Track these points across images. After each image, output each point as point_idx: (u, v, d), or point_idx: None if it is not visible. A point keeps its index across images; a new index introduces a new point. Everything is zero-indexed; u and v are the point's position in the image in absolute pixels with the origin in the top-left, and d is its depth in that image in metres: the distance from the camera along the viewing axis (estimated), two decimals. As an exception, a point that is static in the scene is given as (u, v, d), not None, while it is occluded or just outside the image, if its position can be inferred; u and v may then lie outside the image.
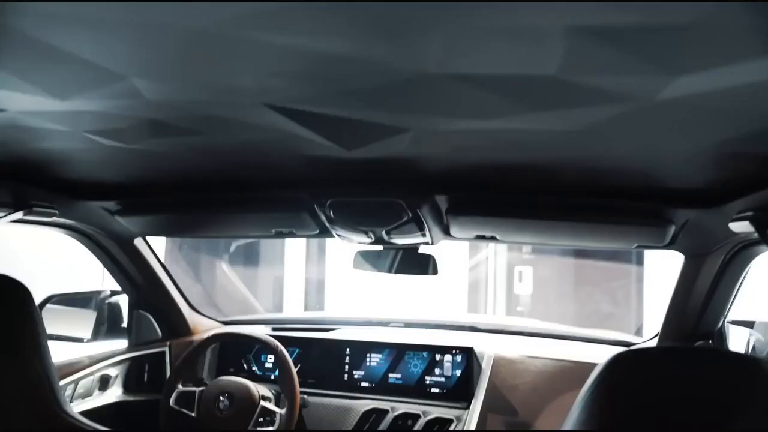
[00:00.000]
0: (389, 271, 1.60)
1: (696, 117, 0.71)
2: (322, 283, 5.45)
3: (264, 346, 1.72)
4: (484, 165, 1.06)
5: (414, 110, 0.74)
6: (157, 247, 1.94)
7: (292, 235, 1.53)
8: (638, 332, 4.62)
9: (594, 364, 1.69)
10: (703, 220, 1.20)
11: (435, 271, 1.55)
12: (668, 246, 1.34)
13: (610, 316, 5.15)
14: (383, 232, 1.34)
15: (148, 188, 1.37)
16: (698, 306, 1.48)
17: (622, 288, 5.20)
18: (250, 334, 1.74)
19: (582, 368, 1.81)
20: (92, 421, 1.79)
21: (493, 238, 1.41)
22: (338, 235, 1.44)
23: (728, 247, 1.29)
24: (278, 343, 1.69)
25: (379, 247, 1.55)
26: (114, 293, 1.98)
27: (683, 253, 1.42)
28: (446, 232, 1.41)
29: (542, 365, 1.82)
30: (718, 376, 0.60)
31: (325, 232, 1.45)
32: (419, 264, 1.57)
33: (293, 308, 5.24)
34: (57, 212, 1.35)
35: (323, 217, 1.33)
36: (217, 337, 1.75)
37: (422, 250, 1.56)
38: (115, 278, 1.88)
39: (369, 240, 1.42)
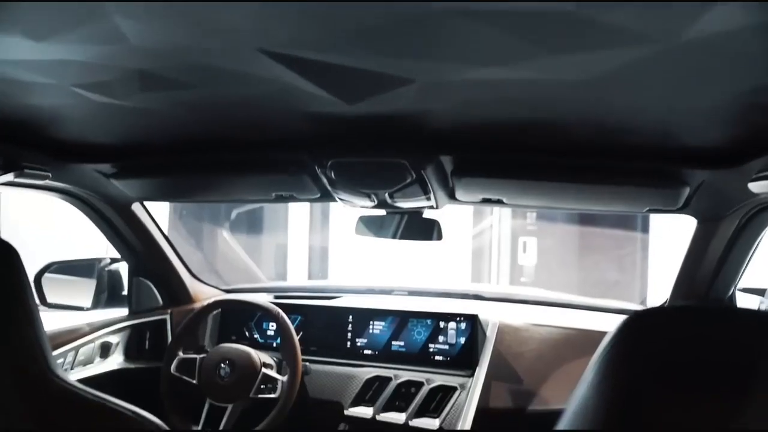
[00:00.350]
0: (393, 237, 1.56)
1: (721, 62, 0.66)
2: (325, 251, 5.41)
3: (265, 314, 1.69)
4: (492, 123, 1.01)
5: (420, 55, 0.69)
6: (160, 216, 1.91)
7: (293, 199, 1.48)
8: (643, 303, 4.60)
9: (600, 332, 1.66)
10: (719, 181, 1.15)
11: (440, 237, 1.51)
12: (681, 210, 1.30)
13: (614, 287, 5.13)
14: (386, 195, 1.30)
15: (142, 150, 1.32)
16: (709, 272, 1.44)
17: (627, 258, 5.18)
18: (251, 300, 1.71)
19: (587, 336, 1.79)
20: (93, 388, 1.79)
21: (499, 202, 1.36)
22: (340, 199, 1.40)
23: (744, 210, 1.25)
24: (279, 310, 1.67)
25: (382, 212, 1.51)
26: (114, 261, 1.96)
27: (696, 218, 1.38)
28: (451, 196, 1.37)
29: (547, 333, 1.79)
30: (736, 336, 0.56)
31: (326, 196, 1.41)
32: (423, 229, 1.53)
33: (297, 277, 5.20)
34: (50, 175, 1.31)
35: (324, 180, 1.28)
36: (217, 304, 1.73)
37: (426, 215, 1.51)
38: (113, 245, 1.85)
39: (371, 204, 1.37)
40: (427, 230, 1.53)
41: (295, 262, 5.29)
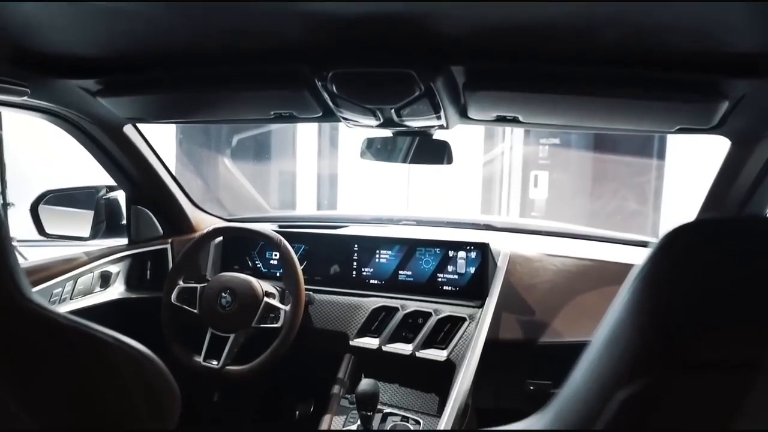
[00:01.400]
0: (400, 161, 1.46)
1: None
2: (334, 179, 5.28)
3: (267, 242, 1.63)
4: (509, 26, 0.89)
5: None
6: (167, 146, 1.81)
7: (293, 118, 1.38)
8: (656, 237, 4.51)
9: (617, 264, 1.58)
10: (762, 94, 1.03)
11: (450, 160, 1.41)
12: (715, 129, 1.18)
13: (628, 222, 5.04)
14: (392, 112, 1.19)
15: (128, 63, 1.22)
16: (740, 199, 1.34)
17: (640, 192, 5.06)
18: (252, 228, 1.64)
19: (604, 268, 1.71)
20: (94, 318, 1.75)
21: (515, 120, 1.25)
22: (343, 118, 1.30)
23: None
24: (281, 238, 1.60)
25: (389, 133, 1.40)
26: (111, 189, 1.88)
27: (730, 138, 1.26)
28: (463, 114, 1.26)
29: (561, 264, 1.72)
30: None
31: (329, 115, 1.30)
32: (433, 151, 1.43)
33: (305, 206, 5.09)
34: (28, 91, 1.21)
35: (326, 95, 1.17)
36: (217, 231, 1.66)
37: (437, 136, 1.41)
38: (108, 171, 1.77)
39: (377, 122, 1.27)
40: (437, 152, 1.42)
41: (303, 191, 5.16)
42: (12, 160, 3.57)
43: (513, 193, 5.59)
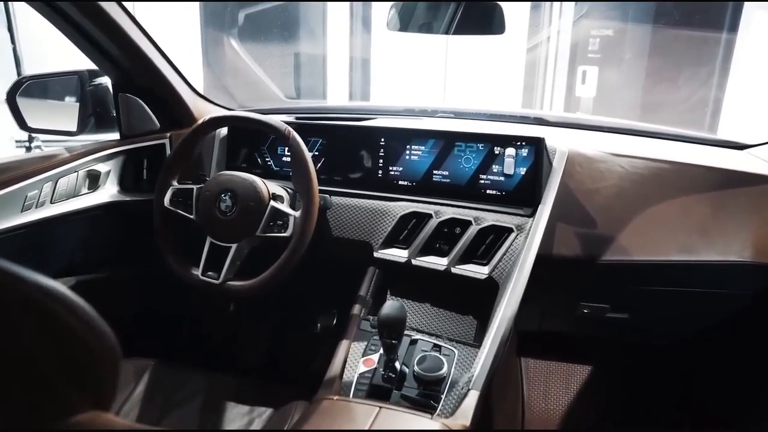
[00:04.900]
0: (438, 31, 1.13)
1: None
2: (367, 68, 4.80)
3: (273, 132, 1.34)
4: None
5: None
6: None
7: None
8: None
9: (700, 167, 1.24)
10: None
11: (501, 28, 1.08)
12: None
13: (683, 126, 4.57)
14: None
15: None
16: None
17: (701, 106, 4.52)
18: (253, 116, 1.35)
19: (683, 171, 1.40)
20: (84, 222, 1.54)
21: None
22: None
23: None
24: (289, 128, 1.31)
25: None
26: (94, 74, 1.61)
27: None
28: None
29: (630, 165, 1.40)
30: None
31: None
32: (480, 18, 1.09)
33: (336, 98, 4.68)
34: None
35: None
36: (213, 121, 1.38)
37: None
38: (85, 53, 1.48)
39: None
40: (485, 19, 1.09)
41: (334, 79, 4.71)
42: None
43: (557, 91, 5.12)
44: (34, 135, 3.49)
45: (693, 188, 1.37)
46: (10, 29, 3.73)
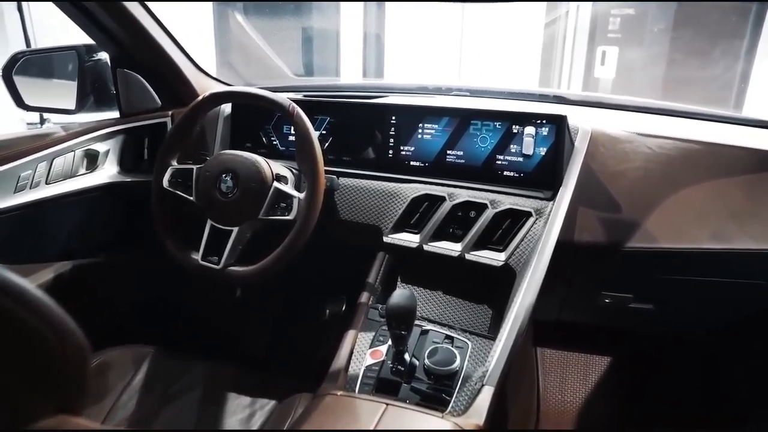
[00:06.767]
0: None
1: None
2: (381, 46, 4.65)
3: (276, 109, 1.27)
4: None
5: None
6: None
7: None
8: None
9: (735, 148, 1.15)
10: None
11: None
12: None
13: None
14: None
15: None
16: None
17: (727, 89, 4.34)
18: (255, 91, 1.27)
19: (715, 152, 1.30)
20: (83, 203, 1.48)
21: None
22: None
23: None
24: (294, 104, 1.23)
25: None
26: (91, 49, 1.54)
27: None
28: None
29: (657, 146, 1.31)
30: None
31: None
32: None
33: (349, 75, 4.54)
34: None
35: None
36: (213, 97, 1.31)
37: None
38: (81, 27, 1.41)
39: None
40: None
41: (347, 56, 4.56)
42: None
43: (576, 69, 4.97)
44: (45, 117, 3.46)
45: (725, 171, 1.28)
46: (19, 8, 3.70)
